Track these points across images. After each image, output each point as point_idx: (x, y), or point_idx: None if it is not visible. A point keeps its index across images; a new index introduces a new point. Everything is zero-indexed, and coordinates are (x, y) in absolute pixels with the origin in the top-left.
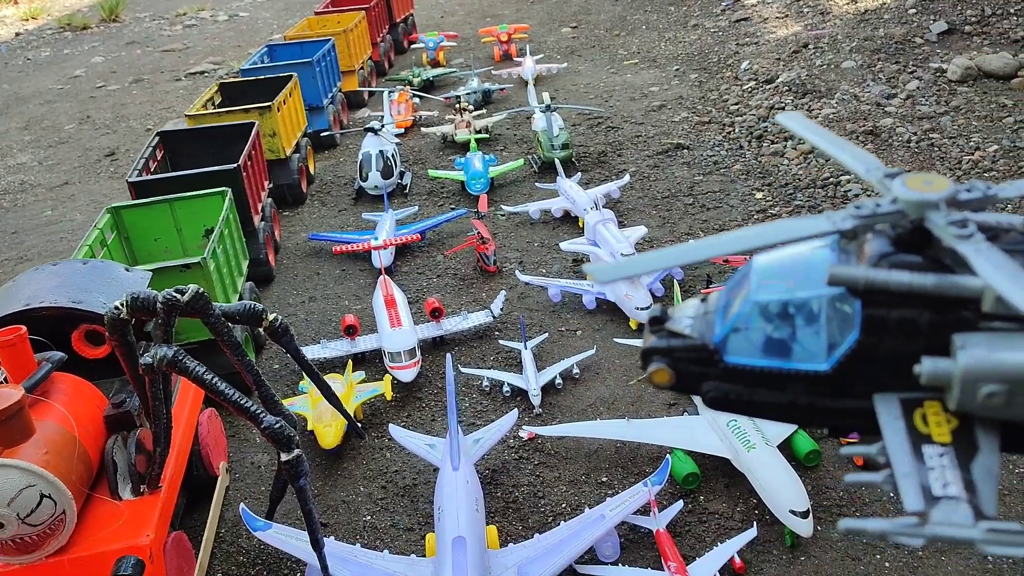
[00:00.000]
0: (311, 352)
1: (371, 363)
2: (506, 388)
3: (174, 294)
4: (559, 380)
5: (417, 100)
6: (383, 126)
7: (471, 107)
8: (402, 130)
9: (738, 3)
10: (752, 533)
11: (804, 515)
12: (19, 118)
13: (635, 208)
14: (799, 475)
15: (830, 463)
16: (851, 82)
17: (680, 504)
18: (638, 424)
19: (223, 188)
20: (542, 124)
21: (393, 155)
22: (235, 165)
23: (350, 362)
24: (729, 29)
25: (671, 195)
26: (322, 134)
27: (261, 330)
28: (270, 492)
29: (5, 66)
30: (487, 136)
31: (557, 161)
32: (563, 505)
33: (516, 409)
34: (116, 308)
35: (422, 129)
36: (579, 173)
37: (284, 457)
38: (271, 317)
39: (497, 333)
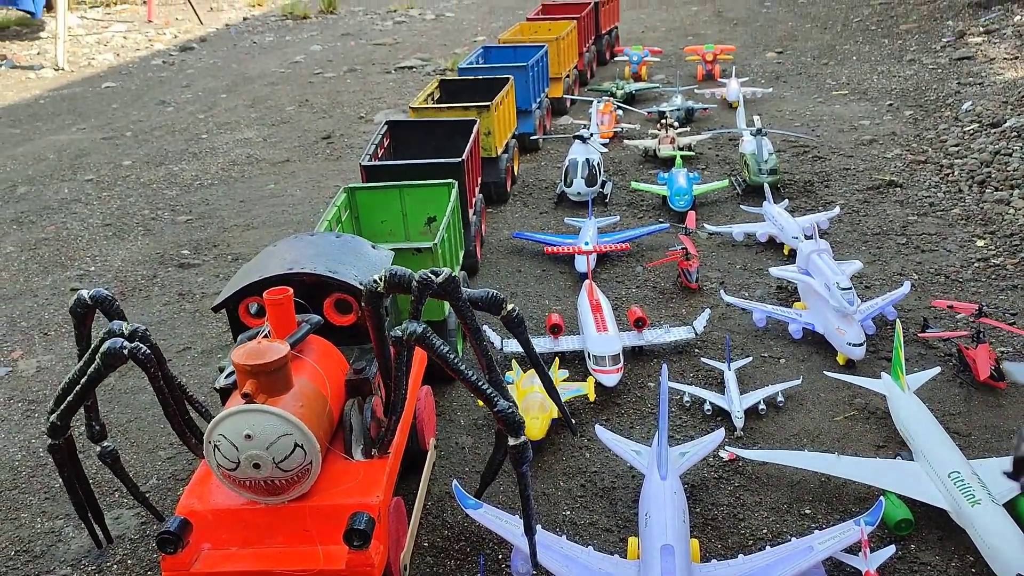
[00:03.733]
0: (511, 347)
1: (569, 363)
2: (707, 406)
3: (429, 275)
4: (763, 406)
5: (620, 112)
6: (592, 135)
7: (676, 123)
8: (606, 140)
9: (960, 41)
10: None
11: None
12: (246, 96)
13: (843, 242)
14: None
15: None
16: None
17: (892, 549)
18: (848, 461)
19: (450, 180)
20: (751, 147)
21: (598, 164)
22: (461, 159)
23: (557, 359)
24: (949, 67)
25: (882, 233)
26: (530, 138)
27: (499, 318)
28: (482, 474)
29: (234, 47)
30: (691, 154)
31: (766, 186)
32: (764, 531)
33: (723, 428)
34: (375, 281)
35: (624, 141)
36: (785, 200)
37: (512, 442)
38: (509, 307)
39: (697, 351)
